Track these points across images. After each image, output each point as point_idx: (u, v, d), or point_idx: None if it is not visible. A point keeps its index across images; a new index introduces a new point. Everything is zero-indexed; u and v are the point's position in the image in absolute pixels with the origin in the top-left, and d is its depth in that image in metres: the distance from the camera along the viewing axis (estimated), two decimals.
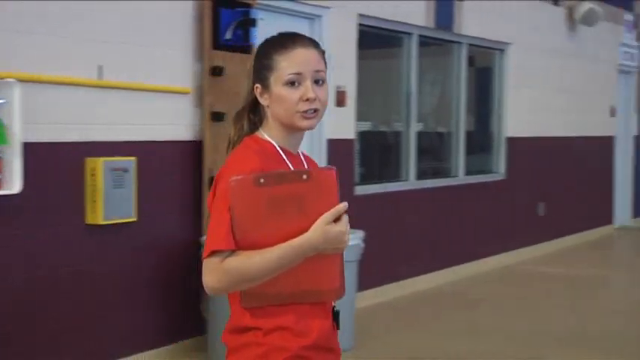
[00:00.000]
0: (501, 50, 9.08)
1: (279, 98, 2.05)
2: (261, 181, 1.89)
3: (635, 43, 12.14)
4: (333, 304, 2.10)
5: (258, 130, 2.11)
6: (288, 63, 2.04)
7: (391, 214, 7.33)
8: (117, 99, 4.96)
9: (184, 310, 5.38)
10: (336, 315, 2.10)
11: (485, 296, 7.52)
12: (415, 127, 7.78)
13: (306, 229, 1.91)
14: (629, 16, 11.93)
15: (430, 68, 8.29)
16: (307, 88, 2.04)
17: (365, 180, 7.15)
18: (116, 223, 4.89)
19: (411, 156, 7.73)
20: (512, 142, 9.23)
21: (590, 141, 11.09)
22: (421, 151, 7.89)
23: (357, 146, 7.02)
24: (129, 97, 5.03)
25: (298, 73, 2.04)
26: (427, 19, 7.74)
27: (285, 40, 2.08)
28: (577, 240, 10.63)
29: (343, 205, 1.93)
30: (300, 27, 6.32)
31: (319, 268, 1.97)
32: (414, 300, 7.19)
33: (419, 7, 7.64)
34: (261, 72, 2.08)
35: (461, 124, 8.52)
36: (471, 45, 8.55)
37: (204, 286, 1.95)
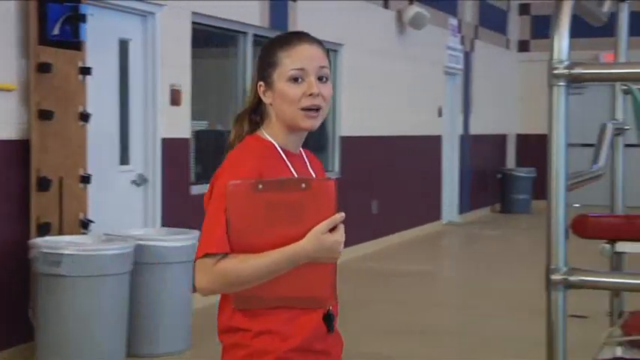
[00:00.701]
0: (335, 51, 9.25)
1: (282, 94, 2.05)
2: (260, 187, 1.91)
3: (459, 47, 12.71)
4: (327, 308, 2.08)
5: (260, 129, 2.11)
6: (291, 59, 2.05)
7: None
8: None
9: (11, 316, 5.15)
10: (327, 318, 2.07)
11: None
12: None
13: (301, 237, 1.92)
14: (454, 21, 12.48)
15: None
16: (311, 84, 2.04)
17: (201, 179, 7.09)
18: None
19: None
20: (346, 141, 9.43)
21: (420, 140, 11.51)
22: None
23: (192, 145, 6.96)
24: None
25: (301, 69, 2.04)
26: (262, 19, 7.78)
27: (290, 37, 2.10)
28: (408, 236, 11.00)
29: (340, 216, 1.96)
30: (133, 24, 6.18)
31: (312, 276, 1.98)
32: None
33: (253, 6, 7.66)
34: (265, 69, 2.08)
35: None
36: None
37: (196, 286, 1.95)
